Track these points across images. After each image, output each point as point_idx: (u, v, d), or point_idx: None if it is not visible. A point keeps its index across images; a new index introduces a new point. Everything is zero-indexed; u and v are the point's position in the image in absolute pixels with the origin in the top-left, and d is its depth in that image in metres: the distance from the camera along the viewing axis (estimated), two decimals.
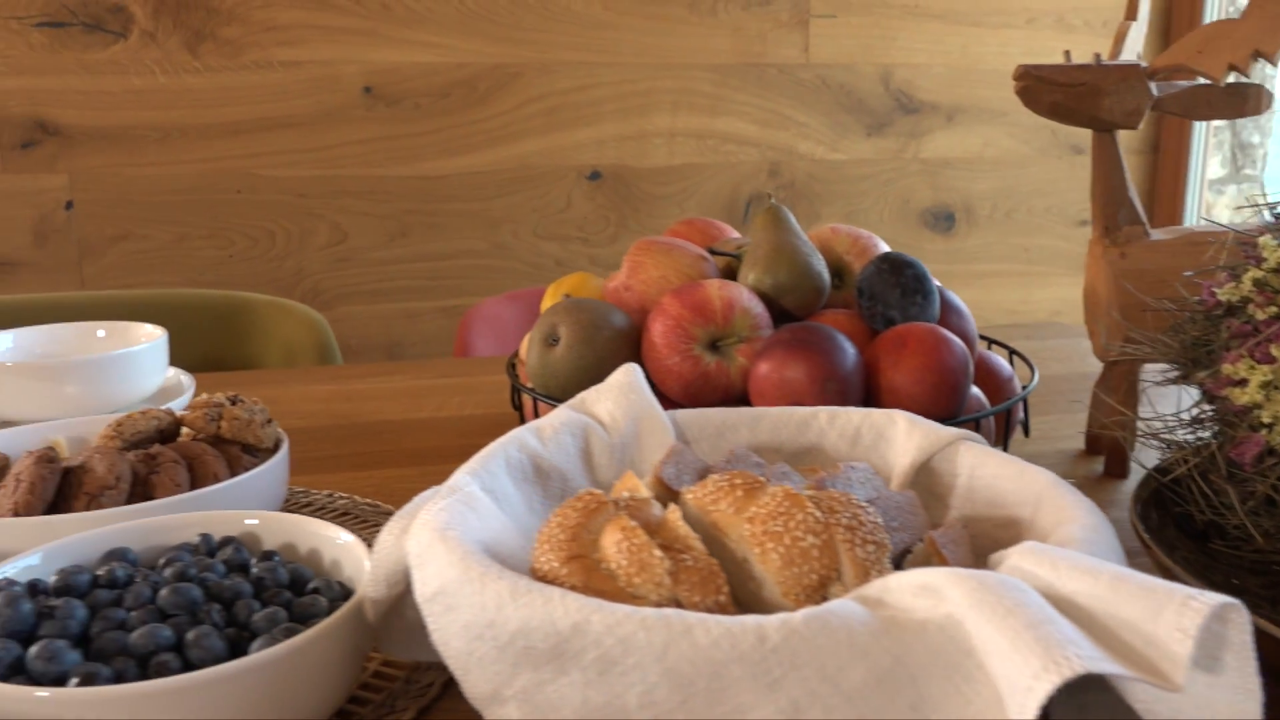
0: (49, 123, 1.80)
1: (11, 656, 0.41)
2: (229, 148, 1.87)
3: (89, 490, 0.57)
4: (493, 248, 2.02)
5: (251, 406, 0.66)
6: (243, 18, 1.83)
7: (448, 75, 1.93)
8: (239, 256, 1.92)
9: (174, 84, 1.83)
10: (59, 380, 0.83)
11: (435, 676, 0.51)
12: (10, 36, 1.76)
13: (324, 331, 1.23)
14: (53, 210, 1.83)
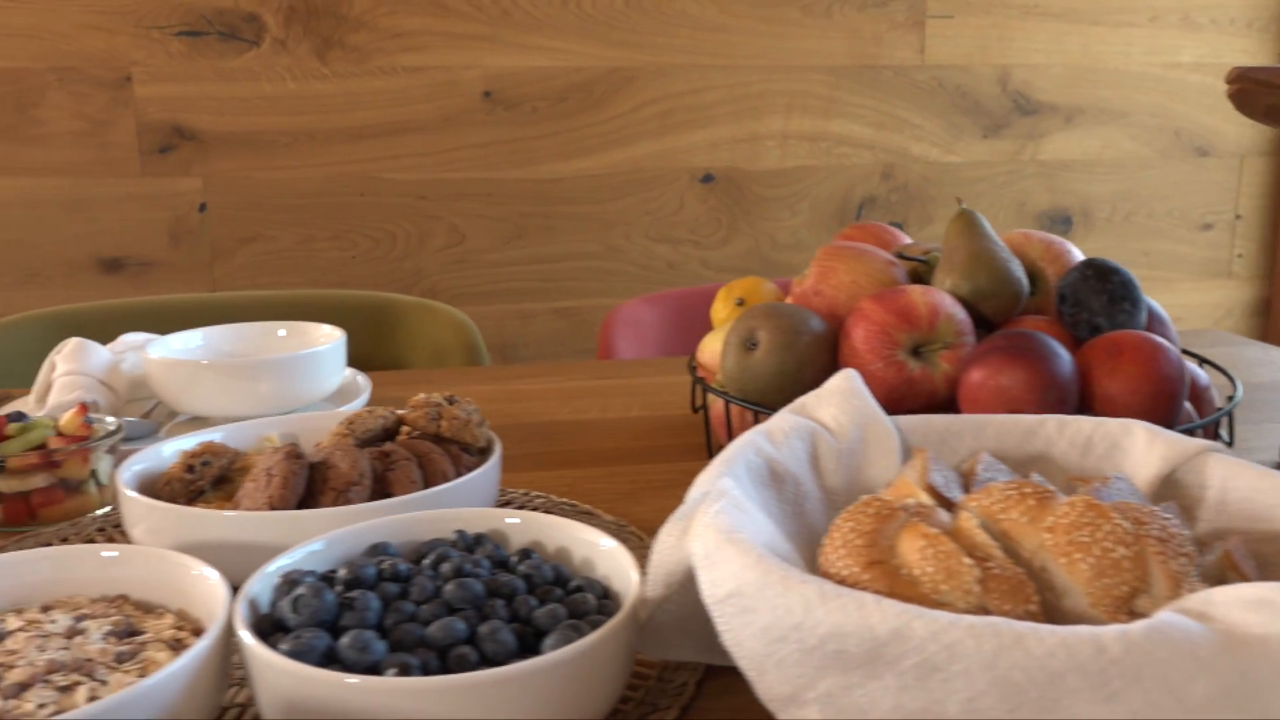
0: (185, 128, 1.86)
1: (325, 645, 0.43)
2: (353, 152, 1.92)
3: (335, 486, 0.59)
4: (605, 250, 2.04)
5: (466, 406, 0.68)
6: (370, 25, 1.88)
7: (565, 79, 1.95)
8: (361, 258, 1.96)
9: (303, 90, 1.88)
10: (253, 378, 0.86)
11: (689, 676, 0.52)
12: (152, 46, 1.82)
13: (471, 333, 1.25)
14: (187, 213, 1.89)
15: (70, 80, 1.81)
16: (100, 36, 1.81)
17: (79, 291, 1.88)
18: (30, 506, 0.71)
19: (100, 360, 0.89)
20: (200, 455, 0.65)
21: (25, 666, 0.43)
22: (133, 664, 0.44)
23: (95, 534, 0.70)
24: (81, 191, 1.86)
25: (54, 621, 0.47)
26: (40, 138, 1.82)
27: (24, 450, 0.70)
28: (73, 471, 0.72)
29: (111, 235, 1.88)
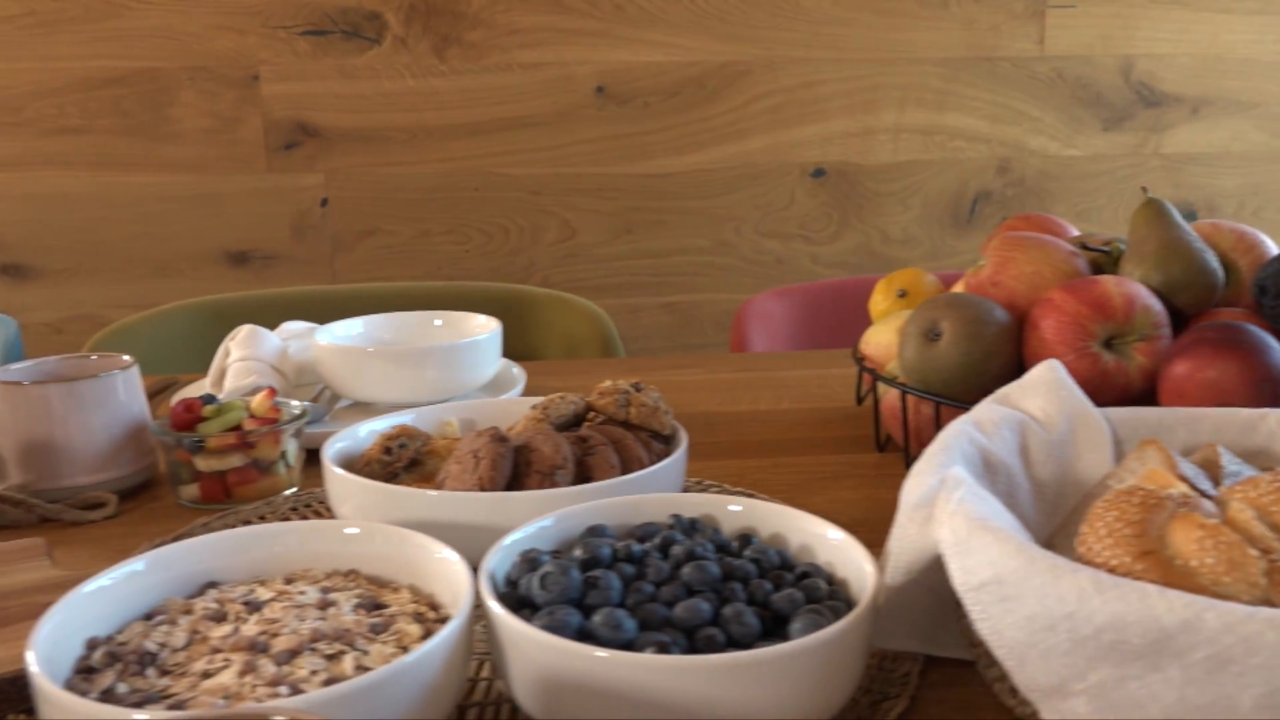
0: (309, 125, 1.91)
1: (578, 622, 0.44)
2: (469, 147, 1.95)
3: (540, 469, 0.60)
4: (715, 245, 2.03)
5: (652, 394, 0.68)
6: (487, 22, 1.90)
7: (677, 74, 1.95)
8: (475, 251, 1.99)
9: (421, 87, 1.92)
10: (419, 365, 0.88)
11: (910, 666, 0.51)
12: (279, 45, 1.87)
13: (606, 325, 1.26)
14: (310, 207, 1.94)
15: (201, 79, 1.88)
16: (230, 36, 1.86)
17: (207, 283, 1.95)
18: (226, 485, 0.73)
19: (272, 346, 0.92)
20: (396, 438, 0.67)
21: (290, 635, 0.44)
22: (388, 635, 0.45)
23: (289, 512, 0.72)
24: (210, 187, 1.92)
25: (303, 593, 0.48)
26: (172, 135, 1.89)
27: (221, 431, 0.73)
28: (265, 452, 0.74)
29: (238, 229, 1.94)
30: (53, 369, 0.78)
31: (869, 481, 0.77)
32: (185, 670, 0.44)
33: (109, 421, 0.75)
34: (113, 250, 1.92)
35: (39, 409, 0.73)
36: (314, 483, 0.77)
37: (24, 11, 1.81)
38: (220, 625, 0.46)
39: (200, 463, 0.73)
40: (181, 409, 0.75)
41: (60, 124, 1.86)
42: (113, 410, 0.75)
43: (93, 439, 0.74)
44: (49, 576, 0.58)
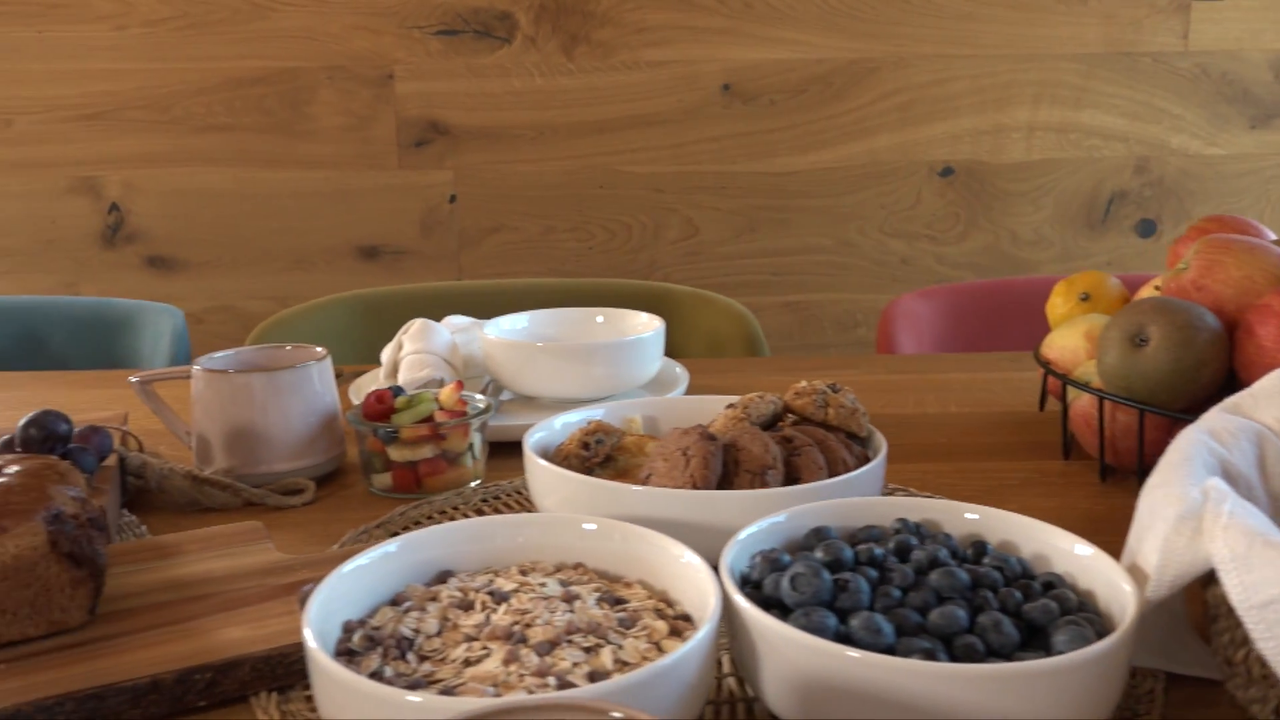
0: (440, 123, 1.95)
1: (835, 624, 0.43)
2: (595, 145, 1.96)
3: (750, 468, 0.59)
4: (838, 244, 2.01)
5: (849, 395, 0.67)
6: (615, 20, 1.91)
7: (804, 71, 1.93)
8: (598, 249, 2.01)
9: (549, 85, 1.94)
10: (588, 361, 0.89)
11: (1153, 684, 0.50)
12: (412, 45, 1.92)
13: (750, 324, 1.26)
14: (438, 203, 1.98)
15: (339, 78, 1.93)
16: (367, 37, 1.91)
17: (339, 277, 2.00)
18: (417, 475, 0.75)
19: (444, 340, 0.94)
20: (594, 433, 0.67)
21: (544, 626, 0.45)
22: (637, 631, 0.46)
23: (481, 504, 0.74)
24: (344, 183, 1.97)
25: (544, 585, 0.49)
26: (310, 133, 1.95)
27: (414, 423, 0.75)
28: (454, 444, 0.75)
29: (369, 224, 1.99)
30: (249, 358, 0.81)
31: (1059, 489, 0.75)
32: (444, 657, 0.45)
33: (305, 410, 0.77)
34: (251, 244, 1.99)
35: (242, 396, 0.76)
36: (495, 475, 0.79)
37: (176, 14, 1.89)
38: (468, 614, 0.47)
39: (393, 453, 0.75)
40: (373, 400, 0.77)
41: (207, 122, 1.93)
42: (309, 399, 0.77)
43: (290, 427, 0.76)
44: (275, 559, 0.60)
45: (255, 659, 0.49)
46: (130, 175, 1.95)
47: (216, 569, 0.59)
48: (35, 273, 1.98)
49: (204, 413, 0.77)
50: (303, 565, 0.59)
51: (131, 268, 1.99)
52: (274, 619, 0.53)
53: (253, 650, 0.50)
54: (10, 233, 1.96)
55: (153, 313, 1.28)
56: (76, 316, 1.32)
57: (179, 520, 0.72)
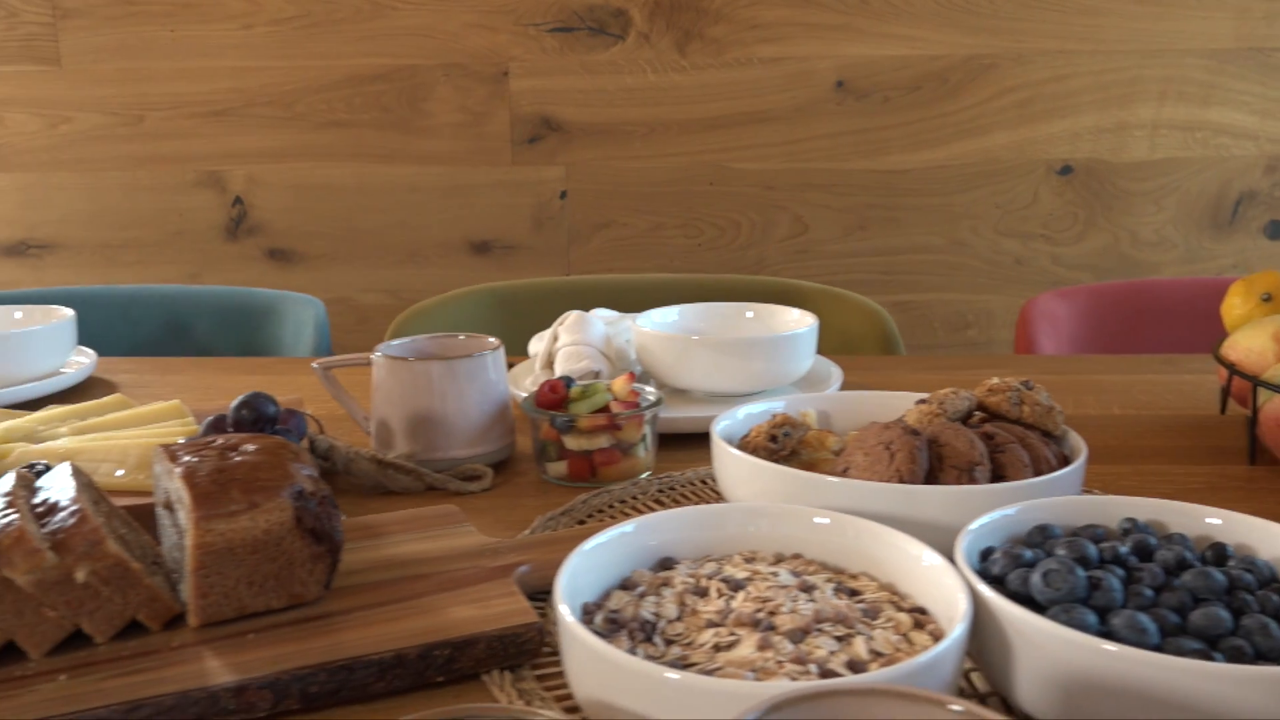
0: (553, 119, 1.97)
1: (1095, 621, 0.43)
2: (705, 142, 1.96)
3: (956, 464, 0.59)
4: (950, 244, 1.98)
5: (1042, 392, 0.66)
6: (729, 17, 1.91)
7: (919, 68, 1.91)
8: (706, 245, 2.01)
9: (662, 82, 1.94)
10: (746, 356, 0.89)
11: None
12: (528, 42, 1.94)
13: (885, 322, 1.25)
14: (549, 199, 2.00)
15: (455, 75, 1.96)
16: (484, 34, 1.94)
17: (451, 271, 2.04)
18: (592, 464, 0.76)
19: (599, 332, 0.95)
20: (781, 426, 0.67)
21: (789, 614, 0.45)
22: (883, 622, 0.46)
23: (659, 495, 0.74)
24: (458, 179, 2.00)
25: (776, 574, 0.49)
26: (427, 129, 1.98)
27: (590, 412, 0.76)
28: (629, 435, 0.76)
29: (482, 220, 2.02)
30: (424, 347, 0.83)
31: (1247, 495, 0.73)
32: (690, 641, 0.45)
33: (481, 398, 0.78)
34: (367, 237, 2.03)
35: (421, 384, 0.77)
36: (660, 466, 0.79)
37: (300, 14, 1.94)
38: (705, 600, 0.48)
39: (569, 442, 0.76)
40: (546, 389, 0.78)
41: (327, 118, 1.98)
42: (485, 388, 0.79)
43: (467, 414, 0.78)
44: (482, 542, 0.61)
45: (489, 637, 0.51)
46: (254, 170, 2.01)
47: (427, 550, 0.60)
48: (162, 263, 2.05)
49: (384, 399, 0.79)
50: (509, 549, 0.60)
51: (252, 259, 2.05)
52: (497, 600, 0.54)
53: (486, 629, 0.51)
54: (140, 224, 2.04)
55: (293, 302, 1.32)
56: (219, 305, 1.36)
57: (363, 502, 0.73)
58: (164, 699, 0.45)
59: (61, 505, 0.50)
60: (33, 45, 1.96)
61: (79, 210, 2.03)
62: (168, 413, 0.76)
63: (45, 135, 2.00)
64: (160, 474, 0.55)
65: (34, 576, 0.47)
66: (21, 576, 0.47)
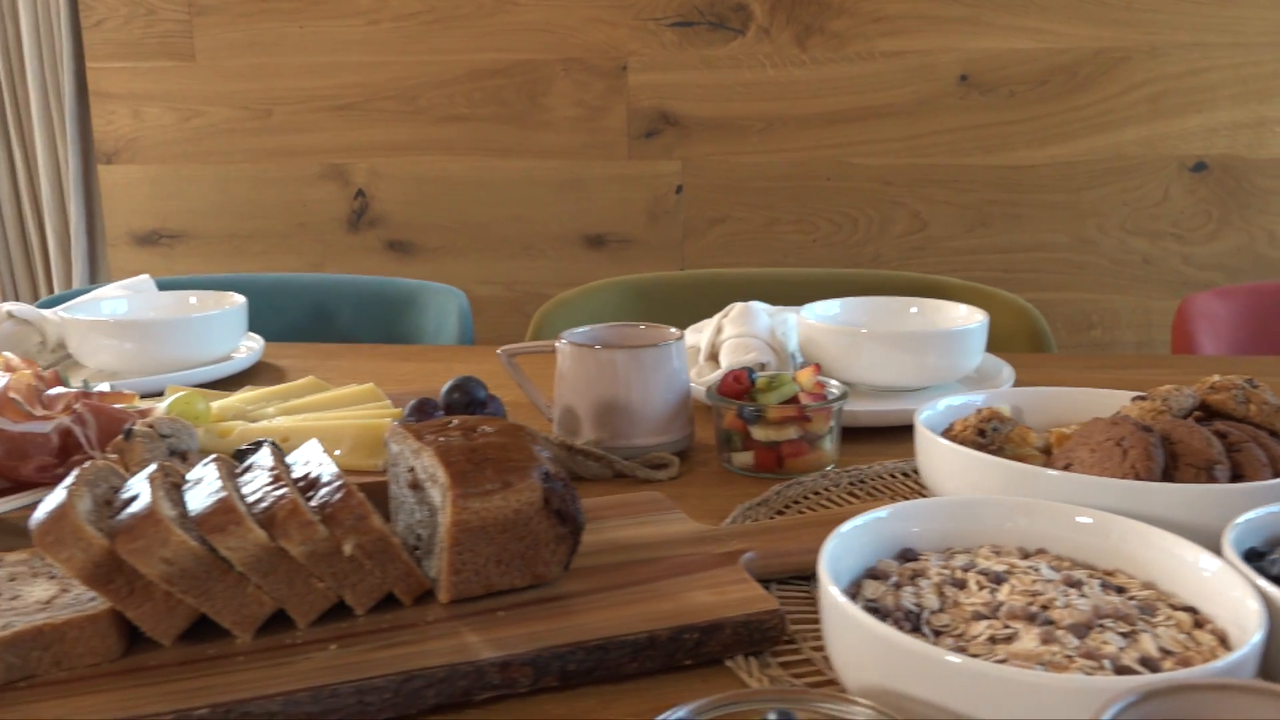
0: (670, 113, 1.97)
1: None
2: (823, 137, 1.95)
3: (1193, 463, 0.57)
4: (1075, 241, 1.93)
5: (1267, 390, 0.64)
6: (851, 10, 1.89)
7: (1047, 61, 1.86)
8: (821, 241, 1.99)
9: (781, 76, 1.93)
10: (920, 351, 0.88)
11: None
12: (647, 37, 1.94)
13: (1035, 319, 1.22)
14: (665, 194, 2.01)
15: (574, 70, 1.97)
16: (603, 29, 1.95)
17: (565, 264, 2.05)
18: (779, 456, 0.76)
19: (764, 324, 0.95)
20: (990, 420, 0.66)
21: (1066, 609, 0.44)
22: (1162, 619, 0.44)
23: (851, 487, 0.74)
24: (574, 173, 2.02)
25: (1036, 568, 0.48)
26: (545, 123, 2.00)
27: (779, 403, 0.75)
28: (817, 426, 0.76)
29: (597, 214, 2.03)
30: (603, 335, 0.84)
31: None
32: (961, 633, 0.44)
33: (665, 387, 0.79)
34: (484, 230, 2.06)
35: (607, 372, 0.78)
36: (840, 460, 0.79)
37: (425, 9, 1.97)
38: (964, 591, 0.47)
39: (756, 432, 0.75)
40: (731, 380, 0.78)
41: (448, 112, 2.01)
42: (668, 376, 0.79)
43: (651, 403, 0.78)
44: (699, 529, 0.61)
45: (735, 623, 0.51)
46: (376, 163, 2.05)
47: (646, 535, 0.60)
48: (286, 253, 2.10)
49: (569, 386, 0.79)
50: (729, 536, 0.60)
51: (372, 251, 2.09)
52: (732, 586, 0.54)
53: (732, 615, 0.51)
54: (266, 215, 2.09)
55: (434, 292, 1.34)
56: (361, 294, 1.39)
57: None
58: (435, 671, 0.46)
59: (324, 480, 0.51)
60: (169, 42, 2.03)
61: (208, 201, 2.10)
62: (364, 395, 0.78)
63: (178, 128, 2.06)
64: (402, 453, 0.56)
65: (307, 548, 0.49)
66: (296, 548, 0.48)
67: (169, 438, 0.63)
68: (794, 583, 0.59)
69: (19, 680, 0.46)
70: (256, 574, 0.48)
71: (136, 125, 2.07)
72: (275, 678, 0.46)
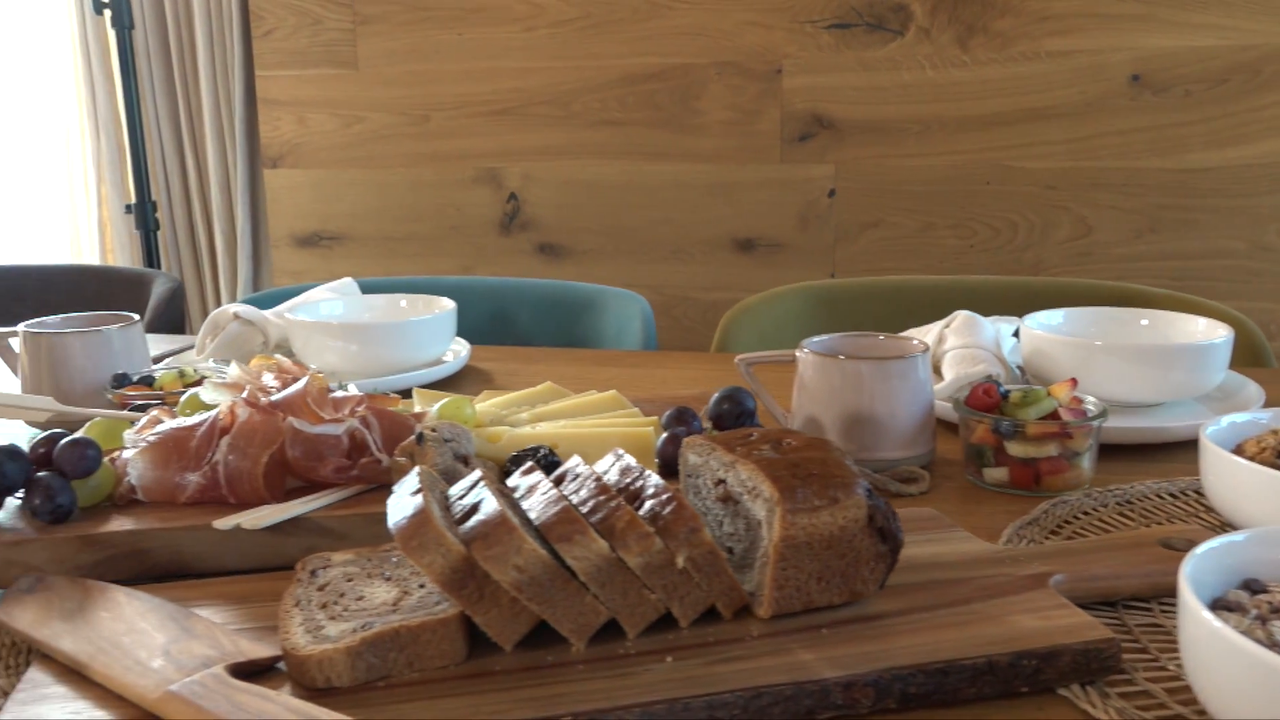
0: (824, 117, 1.95)
1: None
2: (984, 140, 1.90)
3: None
4: (1253, 249, 1.84)
5: None
6: (1016, 9, 1.84)
7: (1227, 59, 1.78)
8: (979, 247, 1.94)
9: (940, 78, 1.89)
10: (1166, 365, 0.85)
11: None
12: (803, 39, 1.92)
13: (1251, 331, 1.16)
14: (817, 198, 1.98)
15: (728, 74, 1.97)
16: (759, 32, 1.94)
17: (713, 269, 2.05)
18: (1037, 473, 0.74)
19: (990, 334, 0.92)
20: None
21: None
22: None
23: (1120, 507, 0.71)
24: (725, 177, 2.01)
25: None
26: (697, 127, 2.00)
27: (1038, 419, 0.73)
28: (1077, 444, 0.73)
29: (747, 218, 2.02)
30: (841, 345, 0.82)
31: None
32: None
33: (911, 399, 0.77)
34: (633, 234, 2.07)
35: (852, 383, 0.77)
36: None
37: (580, 15, 1.99)
38: None
39: (1013, 448, 0.73)
40: (980, 393, 0.76)
41: (601, 117, 2.03)
42: (915, 388, 0.78)
43: (898, 415, 0.77)
44: (993, 549, 0.60)
45: (1074, 650, 0.49)
46: (528, 167, 2.08)
47: (940, 553, 0.59)
48: (439, 256, 2.15)
49: (810, 396, 0.79)
50: (1028, 557, 0.59)
51: (523, 254, 2.12)
52: (1054, 611, 0.52)
53: (1068, 641, 0.49)
54: (421, 219, 2.14)
55: (614, 297, 1.35)
56: (540, 298, 1.41)
57: None
58: (782, 688, 0.46)
59: (648, 491, 0.51)
60: (334, 50, 2.09)
61: (366, 204, 2.16)
62: (609, 402, 0.78)
63: (340, 134, 2.13)
64: (707, 464, 0.56)
65: (643, 560, 0.49)
66: (634, 559, 0.49)
67: (450, 442, 0.64)
68: (1097, 608, 0.57)
69: (377, 680, 0.47)
70: (595, 584, 0.48)
71: (300, 131, 2.14)
72: (624, 689, 0.46)
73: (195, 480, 0.62)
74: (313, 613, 0.50)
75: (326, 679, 0.46)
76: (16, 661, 0.53)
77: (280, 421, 0.63)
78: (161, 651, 0.48)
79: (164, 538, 0.60)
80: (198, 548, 0.61)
